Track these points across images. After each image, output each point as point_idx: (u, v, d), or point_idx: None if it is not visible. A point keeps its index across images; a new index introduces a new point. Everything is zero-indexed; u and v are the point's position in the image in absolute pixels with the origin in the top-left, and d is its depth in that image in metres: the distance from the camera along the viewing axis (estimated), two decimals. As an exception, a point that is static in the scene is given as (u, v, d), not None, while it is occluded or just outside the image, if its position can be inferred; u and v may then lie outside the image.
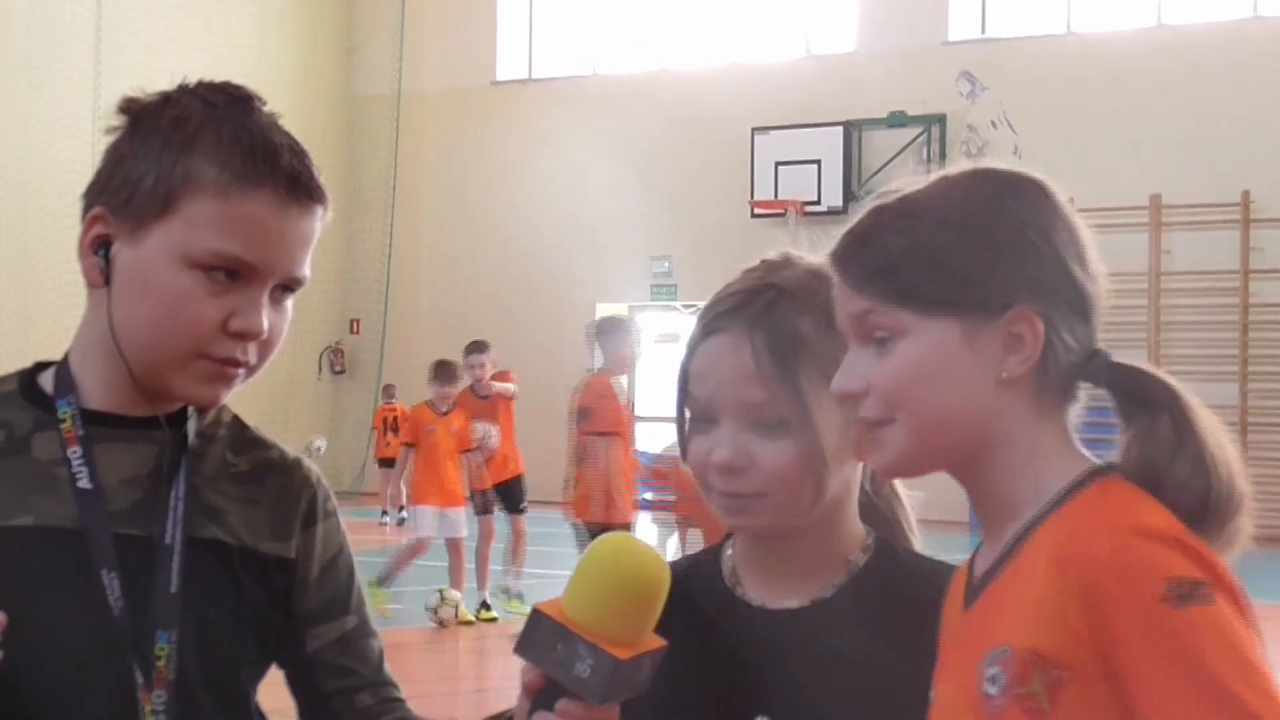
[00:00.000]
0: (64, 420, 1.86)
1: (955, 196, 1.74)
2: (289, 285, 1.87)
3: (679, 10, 24.92)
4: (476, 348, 13.49)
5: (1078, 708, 1.59)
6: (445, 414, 12.98)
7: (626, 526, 10.64)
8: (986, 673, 1.64)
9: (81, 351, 1.90)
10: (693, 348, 1.91)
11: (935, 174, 1.78)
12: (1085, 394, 1.76)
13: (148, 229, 1.82)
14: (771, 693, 1.86)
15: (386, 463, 22.03)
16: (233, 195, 1.81)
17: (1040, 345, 1.69)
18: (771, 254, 1.96)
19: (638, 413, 25.16)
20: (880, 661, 1.86)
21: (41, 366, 1.95)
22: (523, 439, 13.74)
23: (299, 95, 25.66)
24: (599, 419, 10.33)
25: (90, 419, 1.87)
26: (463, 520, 12.63)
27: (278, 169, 1.83)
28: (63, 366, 1.91)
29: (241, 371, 1.85)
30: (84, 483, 1.84)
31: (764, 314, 1.87)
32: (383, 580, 12.15)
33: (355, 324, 27.28)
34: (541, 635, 1.67)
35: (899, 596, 1.89)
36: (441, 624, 12.17)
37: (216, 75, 1.93)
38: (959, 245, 1.70)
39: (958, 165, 1.79)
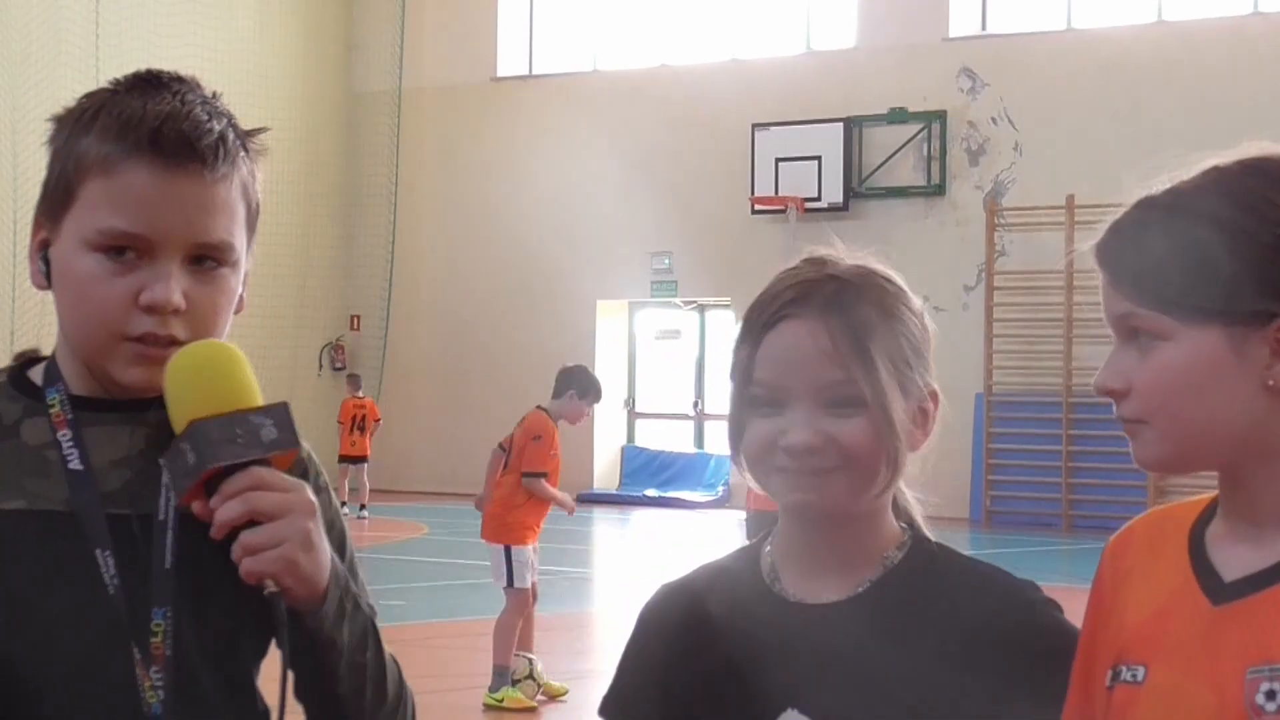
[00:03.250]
0: (53, 405, 1.87)
1: (1224, 193, 1.67)
2: (207, 255, 1.84)
3: (680, 6, 24.92)
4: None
5: None
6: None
7: None
8: (1260, 686, 1.60)
9: (59, 349, 1.92)
10: (758, 337, 1.91)
11: (1208, 162, 1.72)
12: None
13: (61, 223, 1.85)
14: (801, 686, 1.88)
15: (350, 460, 21.75)
16: (113, 169, 1.81)
17: None
18: (810, 253, 1.97)
19: (638, 408, 25.29)
20: (905, 659, 1.86)
21: (32, 361, 1.96)
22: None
23: (300, 92, 25.67)
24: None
25: (78, 404, 1.88)
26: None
27: (148, 136, 1.81)
28: (51, 360, 1.92)
29: (172, 350, 1.82)
30: (75, 464, 1.84)
31: (834, 299, 1.89)
32: (505, 676, 9.62)
33: (356, 320, 27.29)
34: (210, 439, 1.71)
35: (930, 595, 1.90)
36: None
37: (218, 72, 1.95)
38: (1226, 250, 1.64)
39: (1229, 153, 1.71)
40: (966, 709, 1.84)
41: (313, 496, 1.78)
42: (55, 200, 1.85)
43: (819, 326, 1.87)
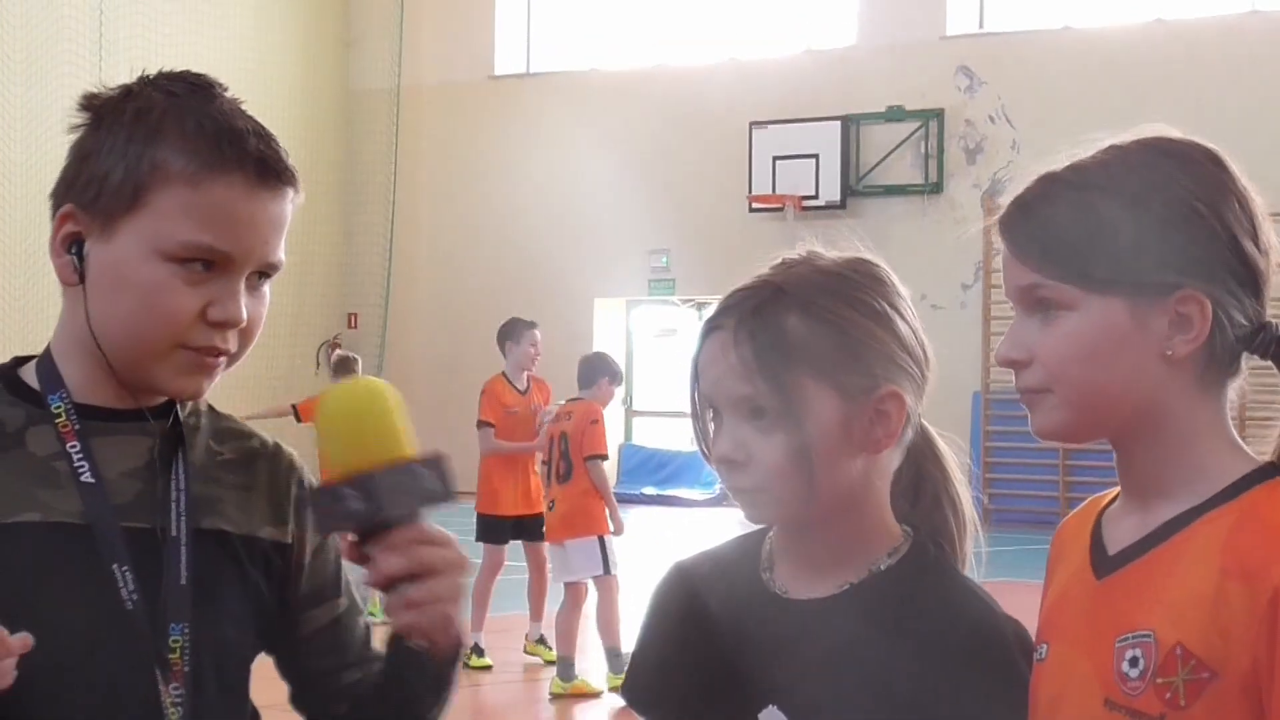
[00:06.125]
0: (59, 415, 1.84)
1: (1126, 169, 1.72)
2: (265, 271, 1.87)
3: (677, 5, 24.91)
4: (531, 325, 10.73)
5: (1214, 710, 1.58)
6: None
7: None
8: (1126, 654, 1.64)
9: (62, 349, 1.88)
10: (698, 344, 1.94)
11: (1104, 142, 1.77)
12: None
13: (118, 224, 1.81)
14: (783, 682, 1.88)
15: None
16: (202, 183, 1.80)
17: (1208, 326, 1.68)
18: (797, 251, 1.97)
19: (636, 406, 25.28)
20: (881, 665, 1.86)
21: (19, 361, 1.93)
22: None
23: (297, 89, 25.64)
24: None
25: (82, 413, 1.86)
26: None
27: (245, 154, 1.81)
28: (46, 361, 1.89)
29: (223, 360, 1.85)
30: (87, 476, 1.82)
31: (754, 311, 1.89)
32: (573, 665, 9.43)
33: (353, 318, 27.27)
34: (384, 490, 1.68)
35: (914, 610, 1.89)
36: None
37: (215, 68, 1.93)
38: (1129, 223, 1.69)
39: (1130, 133, 1.76)
40: None
41: (465, 551, 1.77)
42: (112, 200, 1.81)
43: (730, 340, 1.89)
